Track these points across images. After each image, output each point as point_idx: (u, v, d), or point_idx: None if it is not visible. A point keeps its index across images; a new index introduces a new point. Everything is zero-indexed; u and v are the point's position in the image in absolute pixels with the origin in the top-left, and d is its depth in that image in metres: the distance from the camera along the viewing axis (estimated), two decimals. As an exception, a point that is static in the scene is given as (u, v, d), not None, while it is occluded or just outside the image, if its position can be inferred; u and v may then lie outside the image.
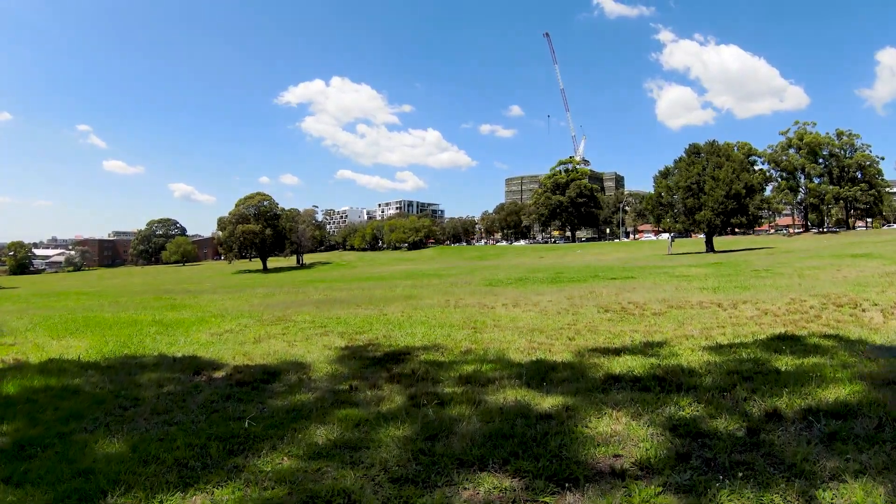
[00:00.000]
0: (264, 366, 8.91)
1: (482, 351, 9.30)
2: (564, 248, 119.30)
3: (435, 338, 10.89)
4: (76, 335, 13.77)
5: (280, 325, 14.09)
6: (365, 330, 12.46)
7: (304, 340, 11.34)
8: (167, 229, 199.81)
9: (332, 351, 10.00)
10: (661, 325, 11.39)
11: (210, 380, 8.23)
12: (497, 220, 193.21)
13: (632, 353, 8.56)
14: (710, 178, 66.40)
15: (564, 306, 15.42)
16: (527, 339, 10.34)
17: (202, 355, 10.14)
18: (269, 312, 17.55)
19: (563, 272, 35.52)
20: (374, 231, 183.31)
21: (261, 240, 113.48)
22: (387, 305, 18.19)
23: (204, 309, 20.37)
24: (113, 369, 9.17)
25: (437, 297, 20.77)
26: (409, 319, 14.03)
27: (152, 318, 17.07)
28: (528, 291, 21.48)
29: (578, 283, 25.13)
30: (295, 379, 7.89)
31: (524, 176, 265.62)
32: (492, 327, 12.08)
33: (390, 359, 9.02)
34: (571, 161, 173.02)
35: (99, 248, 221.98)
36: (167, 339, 12.33)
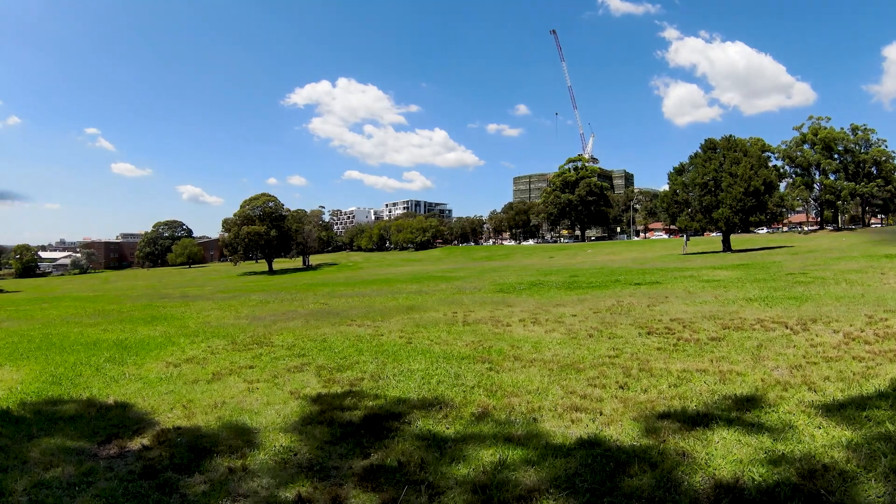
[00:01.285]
0: (198, 432, 6.48)
1: (504, 415, 6.56)
2: (574, 247, 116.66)
3: (438, 382, 8.28)
4: (18, 362, 12.13)
5: (253, 350, 11.88)
6: (351, 363, 9.98)
7: (269, 381, 8.92)
8: (173, 231, 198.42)
9: (297, 403, 7.51)
10: (730, 358, 8.87)
11: (118, 456, 5.93)
12: (505, 219, 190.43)
13: (724, 422, 5.87)
14: (727, 174, 63.45)
15: (594, 324, 12.95)
16: (562, 385, 7.72)
17: (136, 403, 8.06)
18: (250, 329, 15.41)
19: (578, 275, 33.25)
20: (381, 231, 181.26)
21: (266, 241, 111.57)
22: (385, 320, 15.79)
23: (184, 322, 18.46)
24: (19, 424, 7.30)
25: (444, 307, 18.33)
26: (408, 345, 11.52)
27: (116, 338, 15.02)
28: (546, 300, 19.04)
29: (599, 289, 22.65)
30: (225, 469, 5.33)
31: (532, 175, 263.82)
32: (511, 360, 9.47)
33: (372, 427, 6.37)
34: (580, 159, 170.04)
35: (105, 250, 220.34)
36: (114, 372, 10.42)
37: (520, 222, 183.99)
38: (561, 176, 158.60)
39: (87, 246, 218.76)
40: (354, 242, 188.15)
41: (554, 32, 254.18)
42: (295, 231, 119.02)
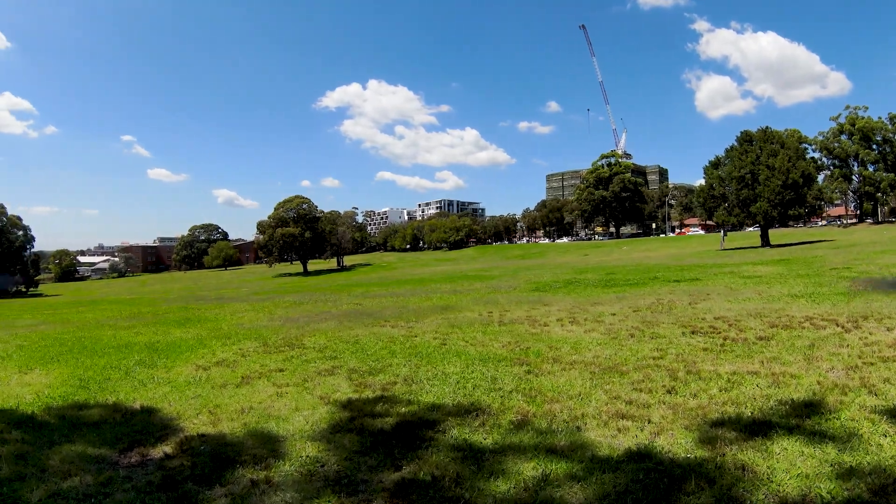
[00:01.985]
0: (223, 439, 6.19)
1: (545, 423, 6.10)
2: (609, 244, 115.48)
3: (474, 386, 7.85)
4: (49, 365, 12.00)
5: (285, 352, 11.59)
6: (383, 366, 9.62)
7: (299, 384, 8.60)
8: (209, 234, 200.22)
9: (326, 409, 7.18)
10: (782, 359, 8.35)
11: (139, 464, 5.67)
12: (538, 217, 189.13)
13: (784, 430, 5.40)
14: (764, 167, 61.99)
15: (635, 323, 12.46)
16: (605, 389, 7.24)
17: (162, 408, 7.81)
18: (283, 331, 15.19)
19: (615, 272, 32.67)
20: (414, 231, 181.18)
21: (300, 243, 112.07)
22: (419, 321, 15.46)
23: (217, 324, 18.35)
24: (42, 430, 7.11)
25: (478, 307, 17.95)
26: (442, 347, 11.13)
27: (148, 341, 14.90)
28: (583, 299, 18.58)
29: (637, 287, 22.11)
30: (248, 481, 5.01)
31: (565, 172, 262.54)
32: (550, 362, 9.01)
33: (404, 436, 5.99)
34: (613, 155, 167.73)
35: (143, 254, 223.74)
36: (143, 375, 10.22)
37: (553, 220, 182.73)
38: (594, 172, 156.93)
39: (125, 250, 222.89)
40: (388, 243, 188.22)
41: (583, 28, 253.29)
42: (329, 232, 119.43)
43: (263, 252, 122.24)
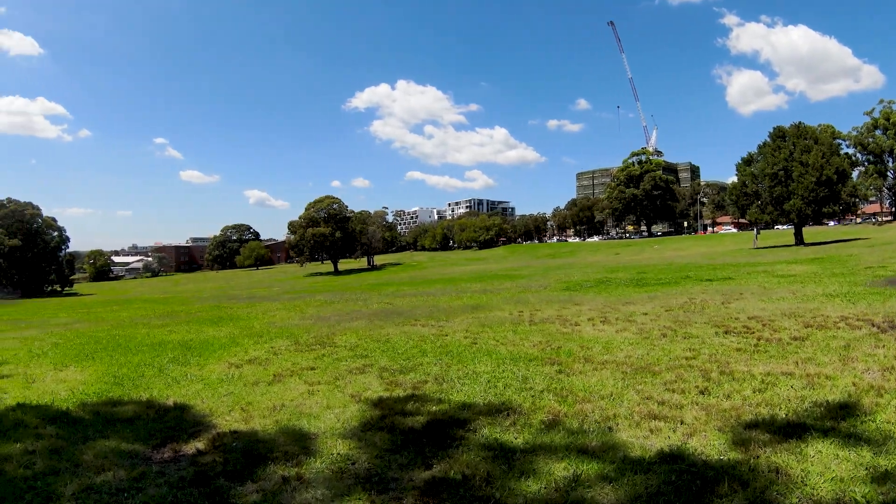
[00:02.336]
0: (255, 436, 6.24)
1: (576, 423, 6.04)
2: (640, 243, 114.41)
3: (504, 385, 7.78)
4: (83, 362, 12.15)
5: (316, 351, 11.65)
6: (414, 364, 9.59)
7: (331, 382, 8.63)
8: (241, 234, 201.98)
9: (357, 407, 7.18)
10: (817, 359, 8.16)
11: (171, 460, 5.74)
12: (569, 216, 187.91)
13: (819, 433, 5.27)
14: (798, 163, 60.81)
15: (667, 323, 12.31)
16: (637, 389, 7.13)
17: (194, 405, 7.88)
18: (314, 329, 15.26)
19: (646, 271, 32.40)
20: (444, 231, 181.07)
21: (331, 242, 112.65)
22: (449, 320, 15.43)
23: (249, 323, 18.49)
24: (76, 426, 7.21)
25: (509, 306, 17.86)
26: (473, 346, 11.09)
27: (181, 339, 15.08)
28: (615, 298, 18.43)
29: (669, 286, 21.89)
30: (279, 478, 5.04)
31: (595, 170, 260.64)
32: (581, 362, 8.91)
33: (435, 435, 5.97)
34: (644, 152, 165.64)
35: (176, 254, 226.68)
36: (176, 373, 10.34)
37: (584, 219, 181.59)
38: (625, 170, 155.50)
39: (158, 250, 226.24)
40: (418, 242, 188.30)
41: (612, 24, 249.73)
42: (359, 232, 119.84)
43: (295, 252, 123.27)
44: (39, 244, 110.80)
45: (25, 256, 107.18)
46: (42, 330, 20.96)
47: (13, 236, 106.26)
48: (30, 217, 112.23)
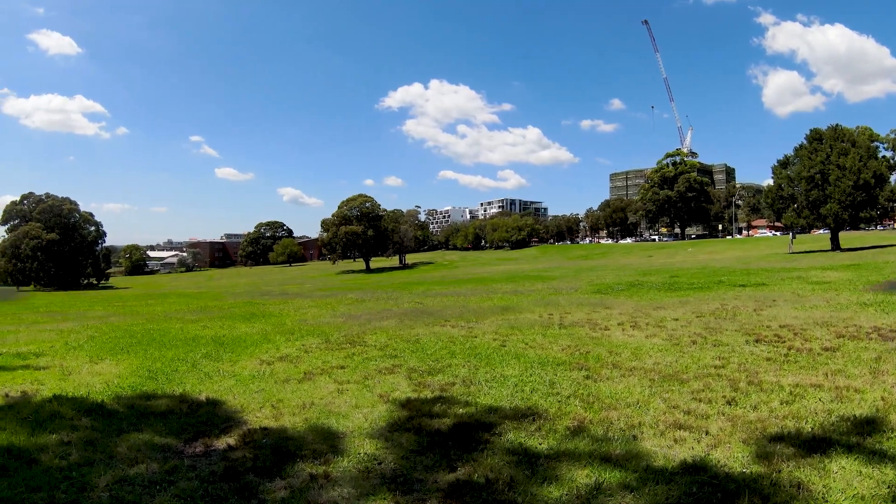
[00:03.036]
0: (284, 433, 6.34)
1: (601, 430, 6.02)
2: (674, 245, 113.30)
3: (531, 390, 7.77)
4: (118, 356, 12.37)
5: (346, 349, 11.78)
6: (442, 366, 9.64)
7: (360, 382, 8.73)
8: (274, 231, 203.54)
9: (385, 407, 7.25)
10: (846, 371, 8.04)
11: (203, 454, 5.85)
12: (602, 217, 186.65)
13: (843, 448, 5.18)
14: (834, 166, 59.57)
15: (698, 330, 12.22)
16: (664, 398, 7.09)
17: (226, 401, 8.00)
18: (345, 328, 15.42)
19: (679, 275, 32.11)
20: (476, 230, 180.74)
21: (363, 240, 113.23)
22: (479, 321, 15.46)
23: (281, 320, 18.73)
24: (111, 418, 7.32)
25: (539, 309, 17.84)
26: (501, 349, 11.10)
27: (214, 335, 15.33)
28: (645, 302, 18.34)
29: (701, 291, 21.72)
30: (307, 475, 5.12)
31: (629, 171, 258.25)
32: (609, 368, 8.90)
33: (461, 437, 6.00)
34: (679, 153, 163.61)
35: (210, 249, 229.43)
36: (209, 368, 10.50)
37: (617, 220, 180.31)
38: (659, 171, 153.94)
39: (192, 245, 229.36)
40: (450, 241, 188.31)
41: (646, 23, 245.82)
42: (391, 230, 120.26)
43: (327, 249, 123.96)
44: (76, 238, 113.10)
45: (63, 250, 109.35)
46: (78, 322, 21.29)
47: (51, 230, 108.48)
48: (67, 212, 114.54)
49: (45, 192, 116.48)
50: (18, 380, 9.95)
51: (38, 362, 11.81)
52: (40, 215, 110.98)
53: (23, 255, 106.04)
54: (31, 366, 11.39)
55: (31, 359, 12.24)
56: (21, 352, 13.23)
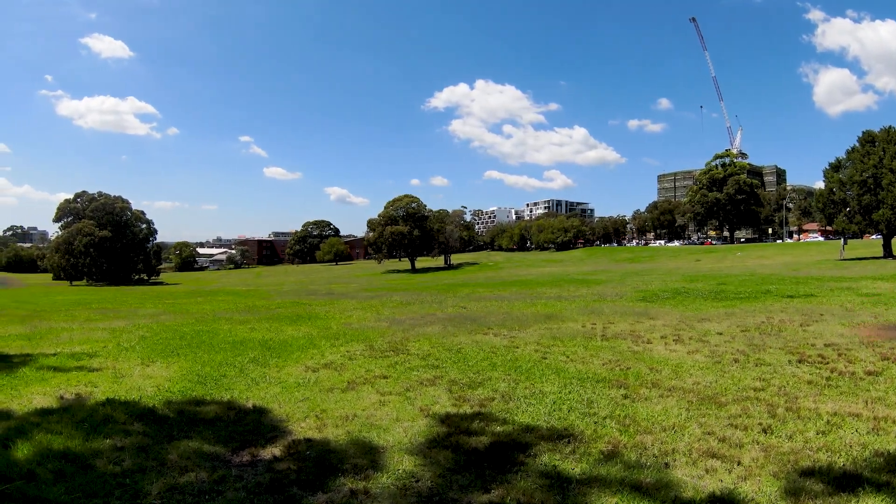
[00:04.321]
0: (327, 445, 6.53)
1: (634, 455, 6.03)
2: (722, 249, 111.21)
3: (569, 409, 7.80)
4: (169, 358, 12.67)
5: (389, 358, 11.93)
6: (483, 379, 9.70)
7: (401, 394, 8.86)
8: (321, 230, 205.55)
9: (425, 422, 7.37)
10: (887, 399, 7.83)
11: (249, 464, 6.06)
12: (649, 219, 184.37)
13: (872, 488, 5.07)
14: (888, 170, 57.69)
15: (741, 346, 12.05)
16: (700, 422, 7.02)
17: (272, 409, 8.20)
18: (389, 333, 15.62)
19: (726, 282, 31.64)
20: (521, 231, 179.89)
21: (409, 240, 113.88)
22: (521, 329, 15.51)
23: (327, 323, 18.97)
24: (162, 424, 7.56)
25: (582, 318, 17.82)
26: (542, 361, 11.08)
27: (262, 338, 15.59)
28: (690, 313, 18.20)
29: (748, 301, 21.41)
30: (348, 490, 5.29)
31: (677, 172, 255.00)
32: (649, 387, 8.84)
33: (497, 457, 6.08)
34: (728, 154, 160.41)
35: (258, 247, 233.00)
36: (256, 373, 10.73)
37: (665, 222, 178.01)
38: (707, 173, 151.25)
39: (241, 243, 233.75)
40: (495, 242, 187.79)
41: (694, 21, 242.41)
42: (437, 231, 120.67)
43: (373, 249, 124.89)
44: (128, 235, 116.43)
45: (115, 247, 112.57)
46: (129, 321, 21.72)
47: (103, 228, 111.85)
48: (119, 210, 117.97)
49: (97, 191, 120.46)
50: (73, 381, 10.22)
51: (92, 363, 12.12)
52: (93, 213, 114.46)
53: (76, 251, 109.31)
54: (84, 367, 11.69)
55: (84, 360, 12.56)
56: (75, 352, 13.57)
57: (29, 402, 8.68)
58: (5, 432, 7.08)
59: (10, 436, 6.90)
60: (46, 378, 10.53)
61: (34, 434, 7.00)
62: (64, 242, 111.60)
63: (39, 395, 9.21)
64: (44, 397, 9.03)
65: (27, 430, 7.18)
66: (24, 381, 10.31)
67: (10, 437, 6.86)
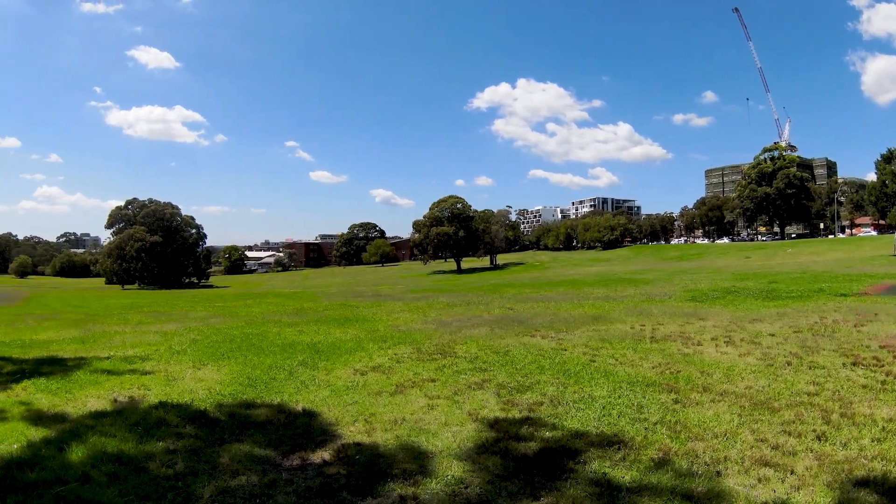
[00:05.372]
0: (376, 450, 6.55)
1: (685, 463, 5.90)
2: (772, 246, 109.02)
3: (619, 414, 7.66)
4: (220, 361, 12.82)
5: (437, 360, 11.91)
6: (531, 382, 9.59)
7: (449, 397, 8.83)
8: (367, 232, 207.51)
9: (474, 427, 7.32)
10: (943, 404, 7.55)
11: (299, 468, 6.11)
12: (697, 216, 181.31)
13: None
14: (941, 162, 56.52)
15: (793, 349, 11.73)
16: (752, 429, 6.82)
17: (322, 412, 8.25)
18: (436, 336, 15.60)
19: (777, 281, 31.02)
20: (567, 230, 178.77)
21: (454, 241, 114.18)
22: (569, 331, 15.37)
23: (374, 325, 19.04)
24: (213, 427, 7.67)
25: (631, 319, 17.60)
26: (591, 364, 10.94)
27: (310, 340, 15.70)
28: (741, 313, 17.85)
29: (800, 300, 20.98)
30: (397, 496, 5.29)
31: (725, 167, 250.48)
32: (700, 391, 8.66)
33: (546, 463, 6.01)
34: (777, 147, 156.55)
35: (305, 250, 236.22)
36: (305, 376, 10.79)
37: (713, 219, 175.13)
38: (756, 167, 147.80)
39: (288, 246, 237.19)
40: (541, 241, 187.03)
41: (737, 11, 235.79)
42: (482, 231, 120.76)
43: (418, 250, 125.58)
44: (178, 240, 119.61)
45: (165, 251, 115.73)
46: (181, 324, 22.09)
47: (154, 233, 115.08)
48: (169, 216, 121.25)
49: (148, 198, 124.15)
50: (126, 384, 10.40)
51: (144, 366, 12.31)
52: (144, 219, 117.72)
53: (127, 256, 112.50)
54: (137, 370, 11.89)
55: (137, 363, 12.78)
56: (128, 355, 13.81)
57: (83, 405, 8.89)
58: (60, 435, 7.25)
59: (66, 438, 7.06)
60: (100, 381, 10.75)
61: (89, 437, 7.15)
62: (116, 248, 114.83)
63: (94, 398, 9.41)
64: (98, 400, 9.23)
65: (82, 432, 7.35)
66: (79, 384, 10.53)
67: (66, 439, 7.03)
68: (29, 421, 8.01)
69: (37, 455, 6.50)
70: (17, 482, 5.71)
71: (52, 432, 7.42)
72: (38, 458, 6.41)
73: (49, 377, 11.13)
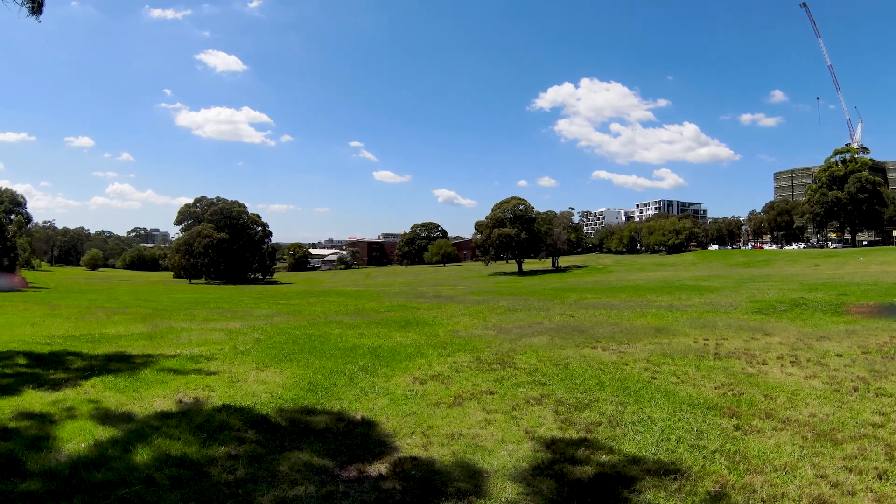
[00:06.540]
0: (432, 465, 6.60)
1: (742, 497, 5.70)
2: (843, 254, 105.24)
3: (678, 439, 7.44)
4: (282, 364, 13.06)
5: (496, 371, 11.89)
6: (590, 399, 9.46)
7: (507, 413, 8.78)
8: (429, 232, 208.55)
9: (530, 446, 7.27)
10: None
11: (356, 480, 6.21)
12: (765, 220, 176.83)
13: None
14: None
15: (861, 372, 11.24)
16: (813, 462, 6.55)
17: (380, 422, 8.35)
18: (496, 343, 15.64)
19: (847, 293, 29.86)
20: (631, 233, 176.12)
21: (516, 243, 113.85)
22: (630, 343, 15.19)
23: (434, 330, 19.16)
24: (274, 433, 7.81)
25: (694, 332, 17.25)
26: (652, 382, 10.72)
27: (371, 344, 15.94)
28: (808, 329, 17.34)
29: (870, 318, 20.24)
30: (449, 518, 5.35)
31: (795, 169, 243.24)
32: (762, 417, 8.35)
33: (600, 491, 5.91)
34: (848, 149, 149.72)
35: (368, 248, 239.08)
36: (365, 383, 10.92)
37: (781, 224, 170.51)
38: (827, 170, 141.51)
39: (351, 244, 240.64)
40: (604, 244, 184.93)
41: (805, 6, 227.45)
42: (544, 233, 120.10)
43: (480, 251, 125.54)
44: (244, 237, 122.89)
45: (232, 248, 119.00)
46: (245, 322, 22.62)
47: (221, 230, 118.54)
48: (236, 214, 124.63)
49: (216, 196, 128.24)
50: (191, 385, 10.67)
51: (209, 366, 12.62)
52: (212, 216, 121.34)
53: (195, 252, 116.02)
54: (202, 370, 12.21)
55: (202, 362, 13.12)
56: (194, 354, 14.19)
57: (149, 405, 9.15)
58: (126, 435, 7.49)
59: (132, 439, 7.29)
60: (166, 380, 11.05)
61: (154, 438, 7.36)
62: (184, 244, 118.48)
63: (159, 397, 9.70)
64: (163, 400, 9.50)
65: (147, 434, 7.57)
66: (146, 383, 10.85)
67: (132, 440, 7.26)
68: (97, 420, 8.28)
69: (103, 455, 6.72)
70: (84, 482, 5.93)
71: (119, 432, 7.65)
72: (105, 458, 6.62)
73: (117, 374, 11.49)
